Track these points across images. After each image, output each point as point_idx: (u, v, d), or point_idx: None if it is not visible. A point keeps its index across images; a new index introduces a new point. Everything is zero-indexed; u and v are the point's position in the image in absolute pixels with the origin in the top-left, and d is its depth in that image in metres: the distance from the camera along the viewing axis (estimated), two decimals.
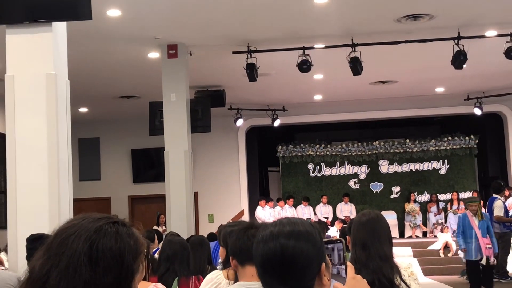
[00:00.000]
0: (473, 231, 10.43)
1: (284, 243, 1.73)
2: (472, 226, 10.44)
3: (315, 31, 10.88)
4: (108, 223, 1.57)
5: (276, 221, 1.83)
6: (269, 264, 1.73)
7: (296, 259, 1.72)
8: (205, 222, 18.37)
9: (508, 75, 14.74)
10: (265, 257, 1.74)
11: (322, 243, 1.80)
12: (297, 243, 1.73)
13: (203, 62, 12.41)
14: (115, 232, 1.56)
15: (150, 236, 7.22)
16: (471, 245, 10.47)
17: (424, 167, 19.39)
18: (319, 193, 19.20)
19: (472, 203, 10.71)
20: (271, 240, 1.75)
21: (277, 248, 1.73)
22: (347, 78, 12.15)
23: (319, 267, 1.75)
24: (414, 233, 18.35)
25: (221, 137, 18.34)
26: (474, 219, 10.46)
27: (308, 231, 1.77)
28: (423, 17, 10.29)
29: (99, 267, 1.51)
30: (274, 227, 1.78)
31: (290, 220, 1.81)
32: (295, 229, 1.76)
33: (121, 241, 1.55)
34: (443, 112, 18.75)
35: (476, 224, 10.45)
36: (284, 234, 1.75)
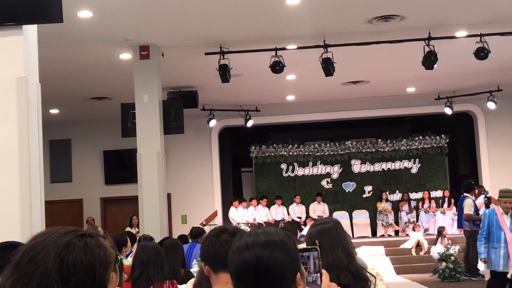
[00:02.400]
0: (502, 234, 8.51)
1: (259, 253, 1.73)
2: (501, 226, 8.52)
3: (288, 32, 10.91)
4: (76, 236, 1.55)
5: (251, 231, 1.83)
6: (245, 274, 1.73)
7: (271, 269, 1.72)
8: (178, 223, 18.32)
9: (477, 75, 14.93)
10: (240, 268, 1.74)
11: (297, 252, 1.80)
12: (272, 253, 1.73)
13: (175, 63, 12.37)
14: (84, 245, 1.53)
15: (122, 240, 7.18)
16: (499, 251, 8.53)
17: (395, 166, 19.55)
18: (292, 193, 19.26)
19: (505, 199, 8.58)
20: (246, 251, 1.75)
21: (252, 259, 1.73)
22: (320, 78, 12.20)
23: (295, 277, 1.76)
24: (386, 232, 18.50)
25: (194, 138, 18.31)
26: (505, 218, 8.53)
27: (283, 240, 1.77)
28: (394, 18, 10.38)
29: (71, 282, 1.49)
30: (249, 237, 1.78)
31: (265, 230, 1.81)
32: (270, 239, 1.76)
33: (91, 254, 1.53)
34: (414, 112, 18.94)
35: (508, 224, 8.53)
36: (259, 244, 1.75)
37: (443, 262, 13.28)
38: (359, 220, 18.90)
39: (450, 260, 13.21)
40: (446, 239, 15.65)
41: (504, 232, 8.47)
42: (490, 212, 8.80)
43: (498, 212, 8.63)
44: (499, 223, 8.53)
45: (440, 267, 13.31)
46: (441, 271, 13.24)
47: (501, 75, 15.11)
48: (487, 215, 8.75)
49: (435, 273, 13.62)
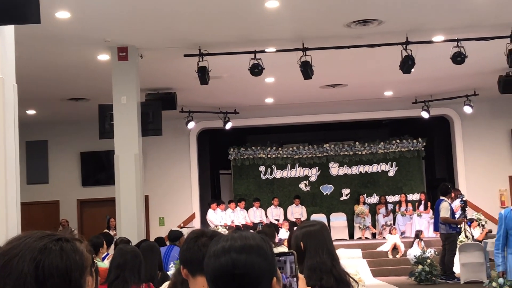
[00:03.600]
0: None
1: (236, 257, 1.73)
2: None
3: (267, 35, 10.93)
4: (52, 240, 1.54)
5: (227, 235, 1.83)
6: (221, 279, 1.73)
7: (247, 273, 1.72)
8: (156, 225, 18.26)
9: (454, 79, 15.07)
10: (217, 272, 1.74)
11: (273, 256, 1.80)
12: (249, 258, 1.73)
13: (154, 65, 12.33)
14: (59, 250, 1.53)
15: (98, 242, 7.14)
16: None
17: (373, 170, 19.66)
18: (271, 195, 19.29)
19: None
20: (222, 255, 1.75)
21: (229, 263, 1.73)
22: (298, 81, 12.23)
23: (271, 281, 1.76)
24: (363, 234, 18.60)
25: (172, 140, 18.26)
26: None
27: (259, 245, 1.78)
28: (372, 22, 10.44)
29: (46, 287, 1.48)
30: (226, 242, 1.78)
31: (241, 234, 1.81)
32: (247, 244, 1.76)
33: (66, 259, 1.52)
34: (392, 115, 19.07)
35: None
36: (236, 248, 1.75)
37: (419, 265, 13.38)
38: (337, 223, 18.97)
39: (426, 263, 13.31)
40: (422, 242, 15.79)
41: None
42: (506, 212, 7.04)
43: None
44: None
45: (417, 270, 13.40)
46: (417, 274, 13.33)
47: (477, 80, 15.27)
48: (504, 217, 7.03)
49: (411, 276, 13.71)
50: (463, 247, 13.33)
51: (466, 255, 13.15)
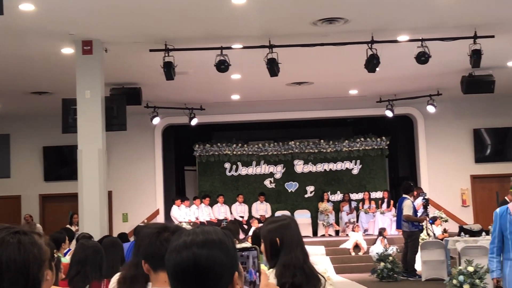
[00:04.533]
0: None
1: (197, 252, 1.72)
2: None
3: (233, 31, 10.91)
4: (10, 233, 1.52)
5: (189, 230, 1.82)
6: (182, 274, 1.72)
7: (209, 268, 1.71)
8: (119, 221, 18.11)
9: (418, 79, 15.25)
10: (178, 267, 1.73)
11: (235, 251, 1.80)
12: (210, 252, 1.73)
13: (119, 59, 12.23)
14: (17, 243, 1.51)
15: (61, 237, 7.06)
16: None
17: (337, 167, 19.80)
18: (235, 192, 19.29)
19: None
20: (184, 250, 1.73)
21: (190, 258, 1.72)
22: (264, 78, 12.24)
23: (232, 276, 1.76)
24: (327, 231, 18.72)
25: (137, 135, 18.13)
26: None
27: (221, 240, 1.77)
28: (338, 21, 10.50)
29: (3, 280, 1.46)
30: (187, 237, 1.77)
31: (203, 229, 1.81)
32: (209, 238, 1.76)
33: (24, 252, 1.50)
34: (356, 114, 19.22)
35: None
36: (197, 243, 1.74)
37: (382, 262, 13.52)
38: (301, 220, 18.99)
39: (388, 260, 13.45)
40: (385, 240, 15.95)
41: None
42: (502, 211, 6.10)
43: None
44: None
45: (379, 267, 13.54)
46: (379, 271, 13.46)
47: (441, 80, 15.46)
48: (498, 216, 6.10)
49: (373, 273, 13.85)
50: (425, 245, 13.51)
51: (428, 252, 13.33)
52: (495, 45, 11.76)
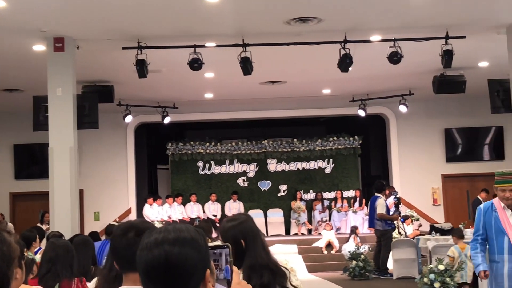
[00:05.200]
0: (506, 240, 5.61)
1: (169, 250, 1.71)
2: (503, 228, 5.64)
3: (207, 29, 10.88)
4: None
5: (161, 227, 1.81)
6: (153, 271, 1.71)
7: (181, 266, 1.70)
8: (91, 220, 17.98)
9: (390, 78, 15.36)
10: (149, 265, 1.71)
11: (207, 249, 1.79)
12: (182, 250, 1.71)
13: (91, 57, 12.12)
14: None
15: (31, 236, 6.98)
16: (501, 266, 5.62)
17: (310, 166, 19.87)
18: (208, 191, 19.26)
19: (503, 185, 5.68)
20: (155, 247, 1.72)
21: (162, 256, 1.70)
22: (238, 77, 12.23)
23: (204, 274, 1.75)
24: (299, 230, 18.78)
25: (109, 133, 18.01)
26: (509, 215, 5.65)
27: (193, 237, 1.76)
28: (311, 20, 10.52)
29: None
30: (159, 234, 1.76)
31: (175, 226, 1.79)
32: (180, 236, 1.74)
33: None
34: (329, 113, 19.31)
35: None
36: (169, 241, 1.73)
37: (354, 261, 13.60)
38: (274, 219, 19.11)
39: (360, 259, 13.54)
40: (358, 238, 16.05)
41: (509, 237, 5.55)
42: (486, 207, 5.78)
43: (498, 207, 5.70)
44: (499, 223, 5.63)
45: (351, 265, 13.62)
46: (351, 269, 13.55)
47: (413, 80, 15.59)
48: (482, 212, 5.77)
49: (345, 272, 13.92)
50: (396, 243, 13.62)
51: (399, 251, 13.44)
52: (467, 46, 11.89)
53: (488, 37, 11.80)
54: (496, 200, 5.75)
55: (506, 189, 5.60)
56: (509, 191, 5.60)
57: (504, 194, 5.63)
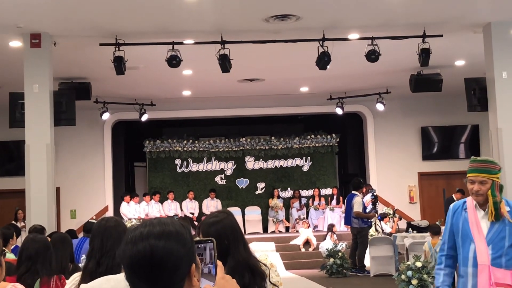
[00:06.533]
0: (472, 248, 4.26)
1: (154, 244, 1.70)
2: (471, 232, 4.29)
3: (185, 26, 10.85)
4: None
5: (146, 221, 1.79)
6: (138, 265, 1.69)
7: (166, 260, 1.69)
8: (67, 218, 17.84)
9: (368, 77, 15.44)
10: (134, 259, 1.70)
11: (192, 243, 1.78)
12: (167, 244, 1.70)
13: (68, 53, 12.02)
14: None
15: (9, 233, 6.91)
16: (465, 281, 4.29)
17: (288, 164, 19.90)
18: (186, 188, 19.21)
19: (474, 175, 4.32)
20: (140, 241, 1.71)
21: (147, 249, 1.69)
22: (216, 74, 12.21)
23: (189, 268, 1.74)
24: (277, 228, 18.81)
25: (86, 130, 17.88)
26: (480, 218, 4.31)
27: (179, 231, 1.75)
28: (290, 17, 10.54)
29: None
30: (144, 228, 1.74)
31: (160, 220, 1.78)
32: (166, 230, 1.73)
33: None
34: (307, 111, 19.37)
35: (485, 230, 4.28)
36: (154, 234, 1.72)
37: (331, 258, 13.65)
38: (251, 216, 19.12)
39: (337, 256, 13.59)
40: (335, 236, 16.11)
41: (475, 245, 4.24)
42: (456, 206, 4.45)
43: (469, 206, 4.38)
44: (467, 226, 4.32)
45: (328, 262, 13.67)
46: (329, 266, 13.60)
47: (390, 78, 15.69)
48: (451, 213, 4.45)
49: (323, 269, 13.97)
50: (373, 240, 13.70)
51: (376, 248, 13.52)
52: (444, 45, 12.00)
53: (464, 36, 11.92)
54: (470, 198, 4.42)
55: (475, 181, 4.31)
56: (478, 184, 4.29)
57: (472, 187, 4.32)
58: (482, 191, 4.26)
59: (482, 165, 4.33)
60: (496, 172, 4.30)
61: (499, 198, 4.24)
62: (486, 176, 4.26)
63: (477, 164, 4.35)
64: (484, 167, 4.31)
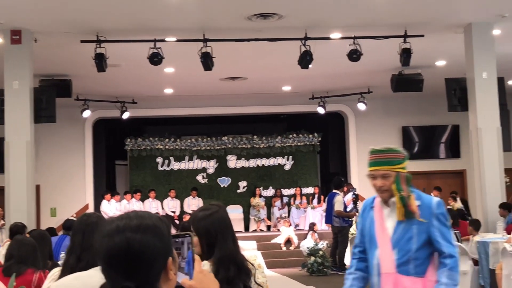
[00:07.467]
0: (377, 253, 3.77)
1: (131, 237, 1.68)
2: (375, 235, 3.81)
3: (167, 24, 10.81)
4: None
5: (123, 214, 1.78)
6: (114, 259, 1.68)
7: (142, 253, 1.68)
8: (47, 216, 17.72)
9: (350, 76, 15.48)
10: (110, 252, 1.68)
11: (169, 237, 1.77)
12: (144, 237, 1.69)
13: (49, 50, 11.94)
14: None
15: None
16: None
17: (270, 163, 19.92)
18: (167, 187, 19.16)
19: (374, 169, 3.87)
20: (116, 234, 1.69)
21: (123, 243, 1.67)
22: (198, 73, 12.18)
23: (166, 262, 1.73)
24: (258, 227, 18.82)
25: (66, 128, 17.77)
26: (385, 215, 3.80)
27: (156, 224, 1.74)
28: (272, 16, 10.55)
29: None
30: (120, 221, 1.73)
31: (137, 213, 1.76)
32: (143, 223, 1.72)
33: None
34: (289, 110, 19.39)
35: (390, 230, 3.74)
36: (131, 228, 1.70)
37: (312, 257, 13.68)
38: (233, 215, 19.06)
39: (318, 255, 13.63)
40: (316, 234, 16.15)
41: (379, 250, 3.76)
42: (365, 204, 4.01)
43: (376, 205, 3.89)
44: (373, 228, 3.82)
45: (309, 261, 13.70)
46: (310, 265, 13.63)
47: (371, 78, 15.75)
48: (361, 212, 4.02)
49: (304, 267, 14.00)
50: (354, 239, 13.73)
51: None
52: (425, 45, 12.06)
53: (445, 36, 12.00)
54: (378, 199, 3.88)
55: (376, 175, 3.76)
56: (380, 178, 3.73)
57: (374, 183, 3.77)
58: (385, 186, 3.72)
59: (382, 156, 3.80)
60: (400, 161, 3.76)
61: (406, 192, 3.65)
62: (388, 168, 3.72)
63: (375, 156, 3.82)
64: (384, 158, 3.77)
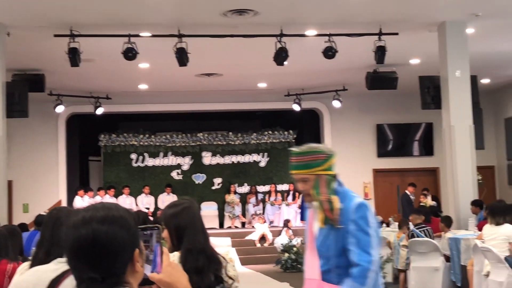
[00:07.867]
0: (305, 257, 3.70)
1: (97, 228, 1.67)
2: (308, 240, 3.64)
3: (142, 19, 10.73)
4: None
5: (89, 206, 1.77)
6: (80, 250, 1.67)
7: (108, 245, 1.67)
8: (20, 212, 17.53)
9: (325, 73, 15.52)
10: (76, 244, 1.67)
11: (136, 228, 1.77)
12: (110, 229, 1.68)
13: (21, 44, 11.80)
14: None
15: None
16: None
17: (245, 160, 19.92)
18: (142, 183, 19.07)
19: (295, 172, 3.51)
20: (83, 226, 1.68)
21: (89, 234, 1.67)
22: (173, 68, 12.11)
23: (132, 254, 1.72)
24: (233, 223, 18.81)
25: (39, 123, 17.60)
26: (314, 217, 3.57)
27: (123, 216, 1.73)
28: (248, 12, 10.52)
29: None
30: (87, 212, 1.72)
31: (104, 205, 1.75)
32: (109, 214, 1.71)
33: None
34: (265, 107, 19.40)
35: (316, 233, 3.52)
36: (97, 219, 1.69)
37: (286, 253, 13.72)
38: (208, 212, 19.04)
39: (292, 251, 13.66)
40: (290, 231, 16.19)
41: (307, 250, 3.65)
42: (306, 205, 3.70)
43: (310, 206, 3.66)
44: (307, 229, 3.66)
45: (283, 257, 13.74)
46: (284, 261, 13.66)
47: (346, 75, 15.81)
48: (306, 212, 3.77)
49: (278, 264, 14.03)
50: None
51: None
52: (399, 43, 12.12)
53: (420, 34, 12.08)
54: None
55: (297, 179, 3.49)
56: (301, 183, 3.46)
57: (298, 186, 3.53)
58: (306, 190, 3.44)
59: (301, 159, 3.45)
60: (319, 163, 3.43)
61: (325, 197, 3.40)
62: (306, 172, 3.41)
63: (295, 159, 3.48)
64: (302, 161, 3.44)
